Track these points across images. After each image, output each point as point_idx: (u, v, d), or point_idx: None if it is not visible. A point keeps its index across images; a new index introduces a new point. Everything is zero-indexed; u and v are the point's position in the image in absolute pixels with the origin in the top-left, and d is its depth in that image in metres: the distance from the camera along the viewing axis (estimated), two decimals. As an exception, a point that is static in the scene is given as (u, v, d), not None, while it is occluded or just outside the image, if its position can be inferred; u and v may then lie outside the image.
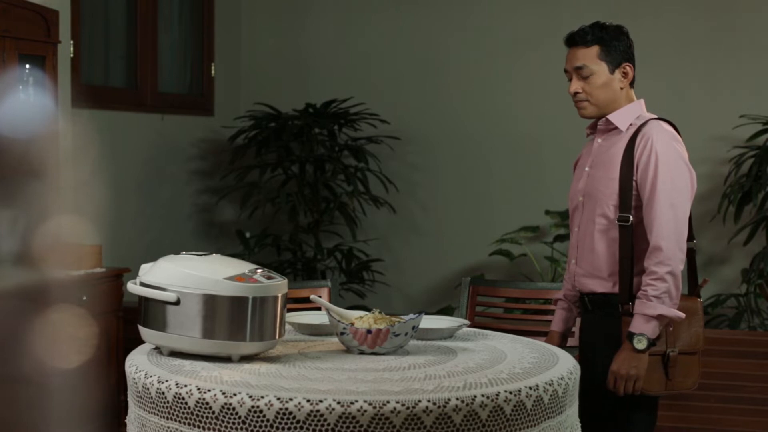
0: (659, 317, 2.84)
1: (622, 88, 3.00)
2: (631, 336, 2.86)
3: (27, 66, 4.10)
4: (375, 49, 6.21)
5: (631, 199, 2.91)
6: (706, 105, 5.55)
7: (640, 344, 2.84)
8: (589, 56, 2.97)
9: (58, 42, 4.30)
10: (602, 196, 2.97)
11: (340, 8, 6.28)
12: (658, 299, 2.83)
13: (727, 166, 5.30)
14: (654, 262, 2.85)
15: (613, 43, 2.97)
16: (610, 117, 3.01)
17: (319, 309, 3.19)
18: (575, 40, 3.00)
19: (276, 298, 2.53)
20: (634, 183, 2.91)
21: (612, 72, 2.98)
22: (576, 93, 3.01)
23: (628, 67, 2.99)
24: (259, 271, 2.57)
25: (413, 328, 2.68)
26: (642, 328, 2.85)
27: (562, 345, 3.14)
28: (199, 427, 2.25)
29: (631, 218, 2.90)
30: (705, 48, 5.57)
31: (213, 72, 6.15)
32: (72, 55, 4.84)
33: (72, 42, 4.84)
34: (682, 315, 2.87)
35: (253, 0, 6.43)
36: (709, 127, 5.45)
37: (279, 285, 2.55)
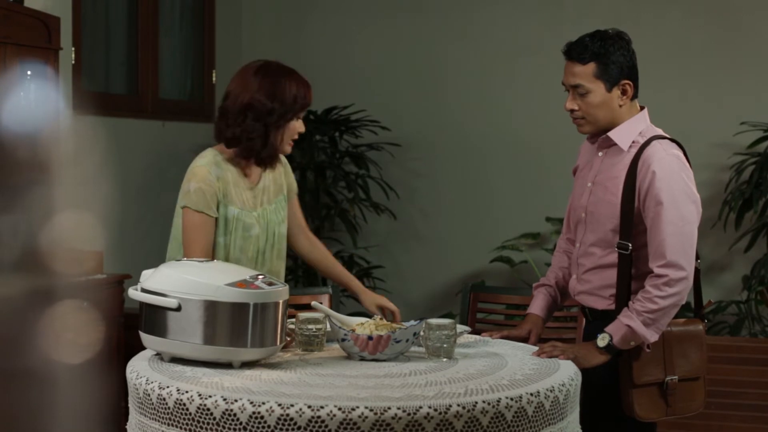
0: (629, 329, 2.77)
1: (621, 106, 2.89)
2: (600, 331, 2.81)
3: (28, 72, 4.10)
4: (376, 57, 6.21)
5: (631, 226, 2.84)
6: (708, 111, 5.55)
7: (602, 341, 2.79)
8: (586, 74, 2.86)
9: (60, 48, 4.30)
10: (603, 218, 2.92)
11: (340, 15, 6.29)
12: (638, 315, 2.77)
13: (728, 173, 5.31)
14: (660, 282, 2.77)
15: (612, 58, 2.84)
16: (610, 135, 2.92)
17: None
18: (572, 54, 2.89)
19: (277, 304, 2.54)
20: (635, 210, 2.84)
21: (609, 90, 2.86)
22: (572, 110, 2.92)
23: (627, 85, 2.87)
24: (260, 277, 2.57)
25: (414, 334, 2.69)
26: (611, 329, 2.80)
27: (540, 333, 3.09)
28: (200, 433, 2.25)
29: (630, 246, 2.84)
30: (706, 54, 5.57)
31: (214, 78, 6.15)
32: (73, 62, 4.85)
33: (73, 48, 4.85)
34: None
35: (254, 7, 6.45)
36: (710, 134, 5.45)
37: (280, 291, 2.55)
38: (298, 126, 3.13)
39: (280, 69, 3.16)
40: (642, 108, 2.98)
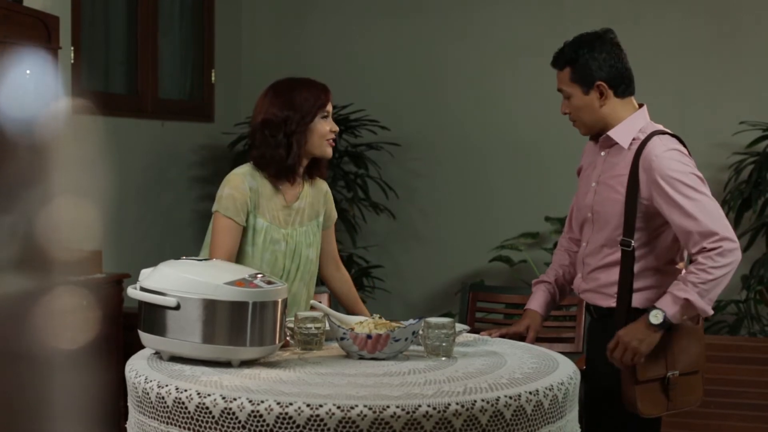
0: (686, 302, 2.76)
1: (602, 107, 2.92)
2: (651, 308, 2.80)
3: (27, 72, 4.10)
4: (375, 56, 6.21)
5: (635, 222, 2.86)
6: (707, 111, 5.55)
7: (656, 319, 2.77)
8: (564, 79, 2.95)
9: (59, 48, 4.30)
10: (608, 216, 2.94)
11: (340, 15, 6.29)
12: (695, 286, 2.75)
13: (727, 173, 5.31)
14: (714, 253, 2.74)
15: (581, 61, 2.90)
16: (610, 134, 2.95)
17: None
18: (553, 61, 2.97)
19: (276, 303, 2.54)
20: (639, 205, 2.86)
21: (586, 93, 2.92)
22: (566, 113, 2.99)
23: (602, 86, 2.90)
24: (259, 276, 2.57)
25: (413, 333, 2.69)
26: (664, 305, 2.78)
27: (538, 330, 3.11)
28: (198, 431, 2.25)
29: (633, 243, 2.86)
30: (706, 54, 5.57)
31: (213, 78, 6.15)
32: (72, 62, 4.85)
33: (72, 48, 4.85)
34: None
35: (254, 7, 6.44)
36: (709, 134, 5.45)
37: (279, 290, 2.55)
38: (326, 126, 3.15)
39: (289, 81, 3.21)
40: (641, 105, 3.00)
